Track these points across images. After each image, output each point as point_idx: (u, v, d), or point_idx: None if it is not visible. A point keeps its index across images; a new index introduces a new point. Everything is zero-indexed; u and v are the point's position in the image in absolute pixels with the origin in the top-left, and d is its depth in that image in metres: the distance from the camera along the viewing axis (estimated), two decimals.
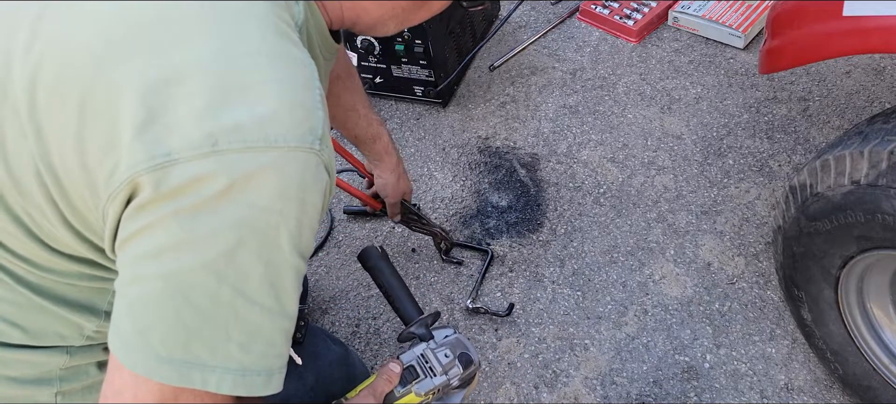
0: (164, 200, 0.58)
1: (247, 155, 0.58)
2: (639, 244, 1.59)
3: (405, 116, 2.03)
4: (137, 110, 0.58)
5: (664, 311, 1.47)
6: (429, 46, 1.83)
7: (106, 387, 0.63)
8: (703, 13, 2.06)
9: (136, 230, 0.59)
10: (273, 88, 0.61)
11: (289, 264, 0.63)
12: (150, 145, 0.57)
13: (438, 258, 1.64)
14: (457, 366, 1.04)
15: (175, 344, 0.59)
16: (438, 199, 1.78)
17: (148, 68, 0.60)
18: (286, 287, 0.64)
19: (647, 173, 1.74)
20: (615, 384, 1.38)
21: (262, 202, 0.59)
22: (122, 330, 0.61)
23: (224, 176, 0.57)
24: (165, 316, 0.59)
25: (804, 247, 1.11)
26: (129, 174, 0.58)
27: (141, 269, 0.60)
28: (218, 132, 0.57)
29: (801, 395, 1.31)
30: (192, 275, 0.59)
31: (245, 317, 0.61)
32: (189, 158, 0.57)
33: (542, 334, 1.47)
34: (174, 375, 0.59)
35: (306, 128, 0.61)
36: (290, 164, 0.60)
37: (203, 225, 0.58)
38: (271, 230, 0.60)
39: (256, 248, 0.60)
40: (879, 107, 1.77)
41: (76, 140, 0.61)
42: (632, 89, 1.96)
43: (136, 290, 0.60)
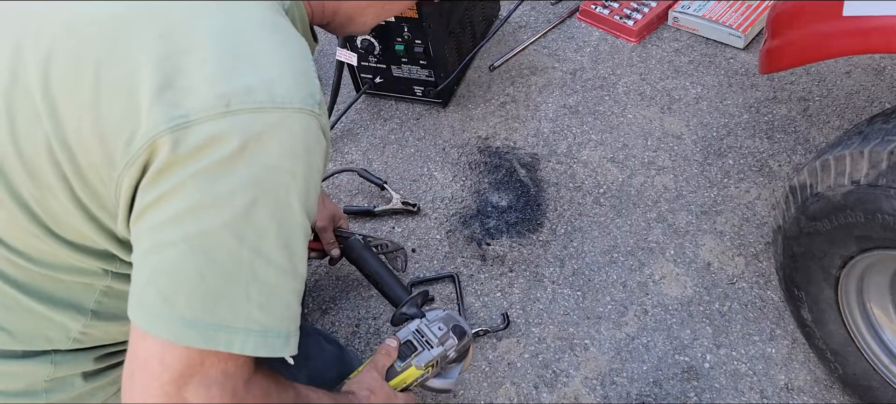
0: (181, 163, 0.60)
1: (257, 115, 0.62)
2: (639, 244, 1.59)
3: (405, 116, 2.03)
4: (154, 77, 0.61)
5: (664, 311, 1.47)
6: (429, 46, 1.83)
7: (130, 360, 0.63)
8: (703, 13, 2.06)
9: (155, 198, 0.61)
10: (276, 55, 0.66)
11: (299, 223, 0.66)
12: (167, 108, 0.60)
13: (439, 257, 1.64)
14: (452, 338, 1.07)
15: (201, 306, 0.61)
16: (438, 199, 1.78)
17: (161, 40, 0.63)
18: (297, 247, 0.67)
19: (647, 173, 1.74)
20: (615, 384, 1.38)
21: (273, 161, 0.62)
22: (145, 299, 0.62)
23: (237, 136, 0.60)
24: (190, 278, 0.61)
25: (804, 247, 1.11)
26: (149, 136, 0.60)
27: (162, 236, 0.61)
28: (230, 93, 0.61)
29: (801, 395, 1.31)
30: (214, 236, 0.61)
31: (263, 278, 0.63)
32: (205, 119, 0.60)
33: (542, 334, 1.47)
34: (201, 338, 0.61)
35: (307, 91, 0.66)
36: (296, 124, 0.64)
37: (221, 186, 0.60)
38: (282, 189, 0.64)
39: (271, 207, 0.63)
40: (879, 107, 1.77)
41: (93, 112, 0.63)
42: (632, 89, 1.96)
43: (158, 257, 0.62)
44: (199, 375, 0.62)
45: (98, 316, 0.78)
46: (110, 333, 0.81)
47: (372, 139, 1.98)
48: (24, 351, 0.77)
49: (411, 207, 1.74)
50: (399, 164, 1.89)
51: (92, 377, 0.83)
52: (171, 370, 0.61)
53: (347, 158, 1.94)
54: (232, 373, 0.63)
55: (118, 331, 0.82)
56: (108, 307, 0.79)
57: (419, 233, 1.71)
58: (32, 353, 0.78)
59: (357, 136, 2.00)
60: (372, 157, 1.93)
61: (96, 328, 0.79)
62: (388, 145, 1.95)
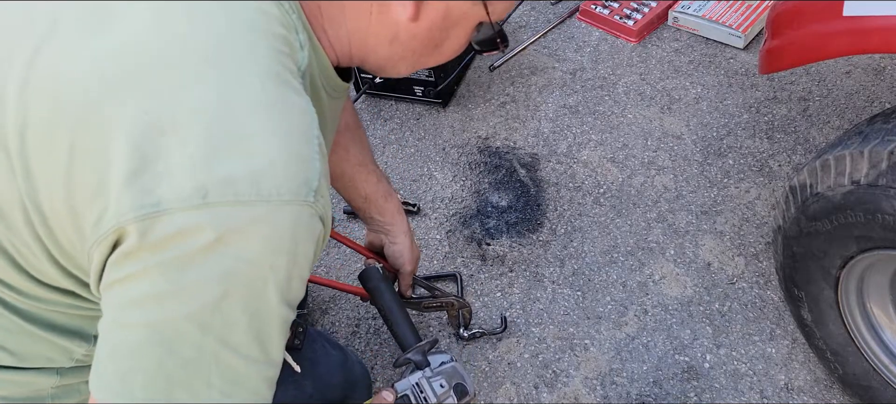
0: (149, 250, 0.57)
1: (237, 209, 0.57)
2: (639, 244, 1.59)
3: (405, 116, 2.03)
4: (129, 157, 0.57)
5: (664, 311, 1.47)
6: None
7: None
8: (703, 13, 2.06)
9: (121, 277, 0.59)
10: (269, 140, 0.60)
11: (276, 314, 0.62)
12: (138, 195, 0.56)
13: (439, 257, 1.64)
14: (452, 397, 1.04)
15: (156, 391, 0.59)
16: (438, 199, 1.78)
17: (142, 113, 0.58)
18: (272, 337, 0.63)
19: (647, 173, 1.74)
20: (615, 384, 1.38)
21: (250, 255, 0.58)
22: (104, 372, 0.61)
23: (212, 229, 0.56)
24: (148, 364, 0.59)
25: (804, 247, 1.11)
26: (116, 222, 0.57)
27: (124, 316, 0.59)
28: (209, 184, 0.56)
29: (801, 395, 1.31)
30: (176, 325, 0.58)
31: (228, 366, 0.60)
32: (178, 209, 0.56)
33: (542, 334, 1.47)
34: None
35: (301, 180, 0.60)
36: (283, 218, 0.59)
37: (188, 276, 0.57)
38: (259, 283, 0.59)
39: (242, 300, 0.59)
40: (879, 107, 1.77)
41: (65, 181, 0.60)
42: (632, 89, 1.96)
43: (119, 336, 0.60)
44: None
45: None
46: None
47: (372, 139, 1.98)
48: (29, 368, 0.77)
49: (411, 207, 1.74)
50: (399, 164, 1.89)
51: None
52: None
53: None
54: None
55: None
56: None
57: (419, 233, 1.71)
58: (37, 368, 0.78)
59: None
60: None
61: None
62: (388, 145, 1.95)
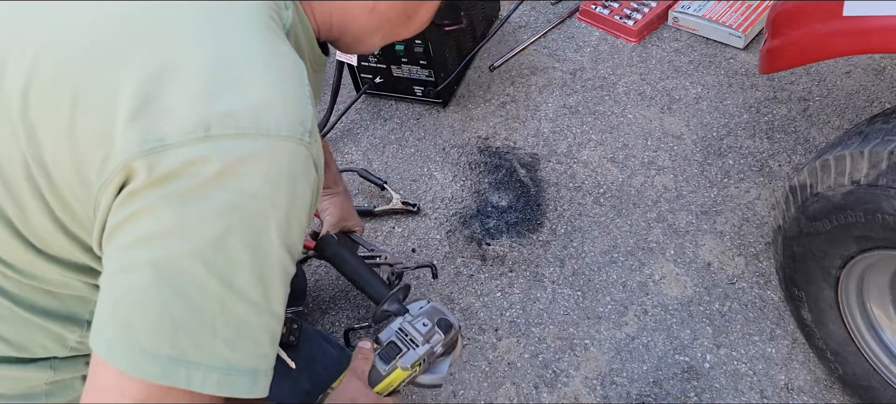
0: (155, 185, 0.58)
1: (239, 141, 0.58)
2: (639, 244, 1.59)
3: (405, 116, 2.03)
4: (132, 99, 0.59)
5: (664, 311, 1.47)
6: (429, 46, 1.83)
7: (88, 387, 0.61)
8: (703, 13, 2.06)
9: (126, 217, 0.59)
10: (266, 82, 0.62)
11: (277, 257, 0.63)
12: (143, 130, 0.58)
13: (439, 257, 1.64)
14: (438, 333, 1.03)
15: (162, 337, 0.58)
16: (438, 199, 1.78)
17: (144, 64, 0.61)
18: (274, 283, 0.63)
19: (647, 173, 1.74)
20: (615, 384, 1.38)
21: (252, 189, 0.59)
22: (106, 327, 0.60)
23: (216, 161, 0.57)
24: (153, 307, 0.58)
25: (804, 247, 1.11)
26: (123, 159, 0.58)
27: (129, 257, 0.59)
28: (211, 118, 0.58)
29: (801, 395, 1.31)
30: (181, 263, 0.58)
31: (232, 311, 0.60)
32: (182, 143, 0.57)
33: (542, 334, 1.47)
34: (159, 372, 0.58)
35: (297, 119, 0.62)
36: (281, 153, 0.61)
37: (193, 210, 0.58)
38: (260, 218, 0.60)
39: (245, 237, 0.60)
40: (879, 107, 1.77)
41: (68, 134, 0.61)
42: (632, 89, 1.96)
43: (123, 280, 0.59)
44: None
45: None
46: None
47: (372, 139, 1.98)
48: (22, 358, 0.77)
49: (411, 207, 1.74)
50: (399, 164, 1.89)
51: None
52: (130, 399, 0.58)
53: (347, 158, 1.94)
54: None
55: None
56: None
57: (419, 233, 1.71)
58: (31, 360, 0.77)
59: (357, 136, 2.00)
60: (372, 157, 1.93)
61: None
62: (388, 145, 1.95)
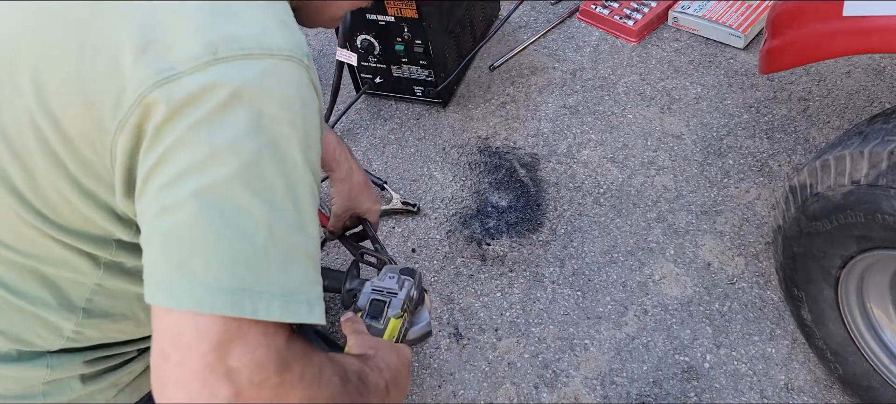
0: (176, 117, 0.58)
1: (247, 62, 0.59)
2: (639, 244, 1.59)
3: (405, 116, 2.03)
4: (136, 35, 0.60)
5: (664, 311, 1.47)
6: (429, 46, 1.83)
7: (157, 344, 0.58)
8: (703, 13, 2.06)
9: (156, 160, 0.59)
10: (260, 12, 0.64)
11: (304, 179, 0.63)
12: (152, 62, 0.58)
13: (439, 257, 1.64)
14: (407, 279, 1.04)
15: (220, 269, 0.57)
16: (438, 199, 1.78)
17: (142, 5, 0.62)
18: (306, 204, 0.63)
19: (647, 173, 1.74)
20: (615, 384, 1.38)
21: (269, 109, 0.60)
22: (159, 274, 0.58)
23: (228, 83, 0.58)
24: (205, 238, 0.57)
25: (804, 247, 1.11)
26: (138, 92, 0.58)
27: (169, 197, 0.58)
28: (217, 41, 0.59)
29: (801, 395, 1.31)
30: (224, 188, 0.57)
31: (279, 234, 0.60)
32: (192, 69, 0.58)
33: (542, 334, 1.47)
34: (228, 304, 0.56)
35: (295, 42, 0.64)
36: (287, 72, 0.62)
37: (222, 135, 0.58)
38: (284, 140, 0.61)
39: (275, 159, 0.60)
40: (879, 107, 1.77)
41: (76, 76, 0.62)
42: (632, 89, 1.96)
43: (167, 222, 0.58)
44: (240, 339, 0.56)
45: (89, 314, 0.78)
46: (104, 331, 0.81)
47: (372, 139, 1.98)
48: (19, 352, 0.76)
49: (411, 207, 1.74)
50: (399, 164, 1.89)
51: (90, 380, 0.82)
52: (209, 337, 0.55)
53: None
54: (272, 333, 0.58)
55: (112, 329, 0.81)
56: (99, 305, 0.78)
57: (419, 233, 1.71)
58: (27, 356, 0.77)
59: (357, 136, 2.00)
60: (372, 157, 1.93)
61: (89, 326, 0.79)
62: (388, 145, 1.95)
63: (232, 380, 0.55)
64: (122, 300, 0.80)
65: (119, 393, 0.86)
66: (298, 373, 0.60)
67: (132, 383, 0.88)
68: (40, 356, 0.78)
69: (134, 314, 0.82)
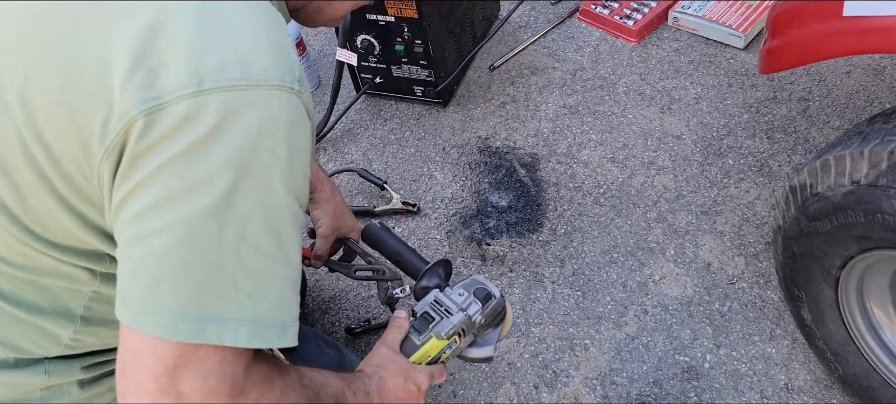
0: (156, 148, 0.58)
1: (232, 93, 0.59)
2: (639, 244, 1.59)
3: (405, 116, 2.03)
4: (125, 56, 0.59)
5: (664, 311, 1.47)
6: (429, 46, 1.83)
7: (120, 356, 0.61)
8: (703, 13, 2.06)
9: (132, 188, 0.59)
10: (251, 31, 0.63)
11: (286, 206, 0.64)
12: (140, 89, 0.58)
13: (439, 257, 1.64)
14: (475, 302, 0.98)
15: (186, 298, 0.58)
16: (438, 199, 1.78)
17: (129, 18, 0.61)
18: (286, 232, 0.64)
19: (647, 173, 1.74)
20: (615, 384, 1.38)
21: (250, 141, 0.60)
22: (130, 295, 0.60)
23: (212, 115, 0.58)
24: (173, 268, 0.58)
25: (804, 247, 1.11)
26: (125, 121, 0.58)
27: (142, 227, 0.59)
28: (203, 72, 0.59)
29: (801, 395, 1.31)
30: (195, 222, 0.58)
31: (250, 264, 0.61)
32: (177, 99, 0.58)
33: (542, 334, 1.47)
34: (190, 331, 0.58)
35: (285, 67, 0.63)
36: (274, 102, 0.62)
37: (198, 169, 0.58)
38: (263, 170, 0.61)
39: (253, 190, 0.60)
40: (879, 107, 1.77)
41: (64, 94, 0.61)
42: (632, 89, 1.96)
43: (140, 249, 0.59)
44: (193, 365, 0.59)
45: (87, 322, 0.77)
46: (103, 337, 0.80)
47: (372, 139, 1.98)
48: (17, 359, 0.76)
49: (411, 207, 1.74)
50: (399, 164, 1.89)
51: (88, 385, 0.82)
52: (164, 361, 0.58)
53: (347, 158, 1.94)
54: (230, 361, 0.60)
55: (110, 335, 0.80)
56: (97, 312, 0.78)
57: (419, 233, 1.71)
58: (25, 362, 0.77)
59: (357, 136, 2.00)
60: (372, 157, 1.93)
61: (87, 334, 0.78)
62: (388, 145, 1.95)
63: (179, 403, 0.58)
64: None
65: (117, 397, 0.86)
66: (254, 400, 0.62)
67: None
68: (38, 362, 0.77)
69: None
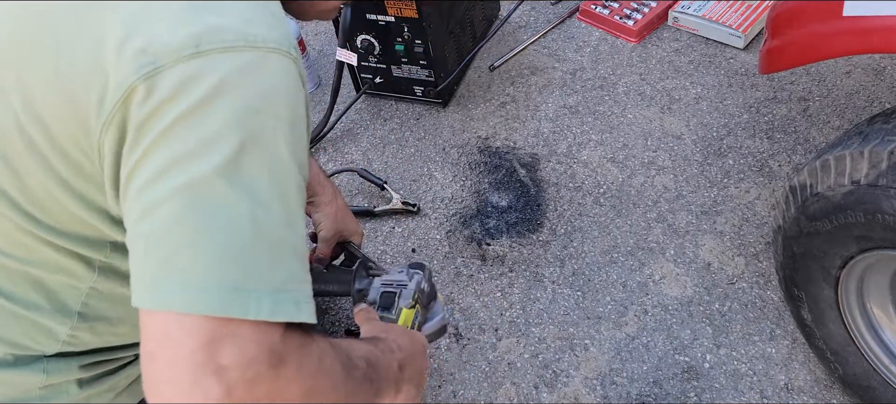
0: (158, 113, 0.56)
1: (229, 54, 0.58)
2: (639, 244, 1.59)
3: (405, 116, 2.03)
4: (118, 29, 0.58)
5: (664, 311, 1.47)
6: (429, 46, 1.83)
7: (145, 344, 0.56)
8: (703, 13, 2.06)
9: (138, 158, 0.57)
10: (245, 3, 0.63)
11: (291, 173, 0.62)
12: (136, 56, 0.57)
13: (439, 257, 1.64)
14: (416, 272, 1.04)
15: (206, 267, 0.55)
16: (438, 199, 1.78)
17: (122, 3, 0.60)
18: (292, 199, 0.62)
19: (647, 173, 1.74)
20: (615, 384, 1.38)
21: (253, 102, 0.58)
22: (145, 275, 0.57)
23: (210, 76, 0.57)
24: (188, 236, 0.55)
25: (804, 247, 1.11)
26: (122, 90, 0.57)
27: (151, 195, 0.56)
28: (199, 34, 0.58)
29: (801, 395, 1.31)
30: (205, 184, 0.56)
31: (264, 229, 0.58)
32: (174, 62, 0.57)
33: (542, 334, 1.47)
34: (216, 302, 0.54)
35: (281, 33, 0.62)
36: (271, 65, 0.60)
37: (203, 129, 0.56)
38: (268, 133, 0.59)
39: (259, 153, 0.59)
40: (879, 107, 1.77)
41: (56, 75, 0.61)
42: (632, 89, 1.96)
43: (149, 223, 0.56)
44: (229, 336, 0.54)
45: (85, 318, 0.77)
46: (99, 334, 0.80)
47: (372, 139, 1.98)
48: (15, 357, 0.76)
49: (411, 207, 1.74)
50: (399, 164, 1.89)
51: (87, 384, 0.82)
52: (198, 336, 0.54)
53: (347, 158, 1.94)
54: (265, 329, 0.56)
55: (107, 332, 0.80)
56: (94, 309, 0.77)
57: (419, 233, 1.71)
58: (23, 361, 0.76)
59: (357, 136, 2.00)
60: (372, 157, 1.93)
61: (84, 330, 0.78)
62: (388, 145, 1.95)
63: (222, 379, 0.53)
64: (118, 304, 0.79)
65: (117, 396, 0.86)
66: (295, 367, 0.58)
67: (129, 387, 0.88)
68: (37, 361, 0.77)
69: (130, 317, 0.80)
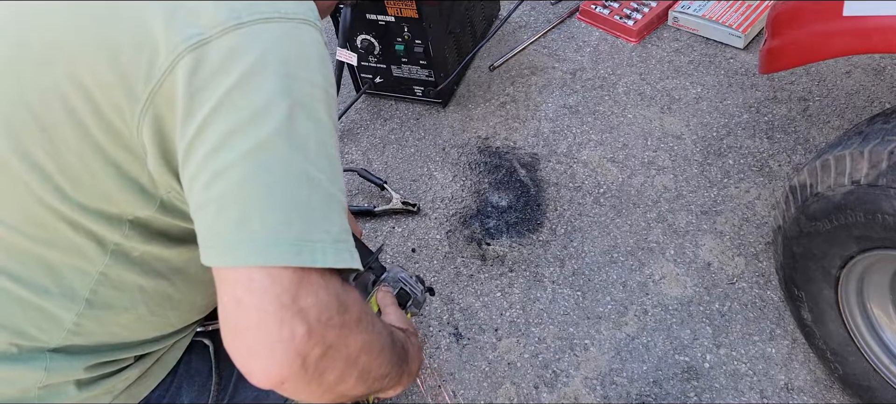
0: (211, 83, 0.61)
1: (269, 25, 0.63)
2: (639, 244, 1.59)
3: (405, 116, 2.03)
4: (161, 8, 0.63)
5: (664, 311, 1.47)
6: (429, 46, 1.83)
7: (225, 295, 0.61)
8: (703, 13, 2.06)
9: (197, 129, 0.61)
10: None
11: (332, 134, 0.67)
12: (183, 27, 0.62)
13: (439, 257, 1.64)
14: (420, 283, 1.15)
15: (277, 222, 0.60)
16: (438, 199, 1.78)
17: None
18: (334, 159, 0.67)
19: (647, 173, 1.74)
20: (615, 384, 1.38)
21: (292, 70, 0.64)
22: (220, 236, 0.61)
23: (255, 46, 0.62)
24: (258, 196, 0.60)
25: (804, 247, 1.11)
26: (172, 58, 0.61)
27: (217, 163, 0.61)
28: (239, 7, 0.63)
29: (801, 395, 1.31)
30: (267, 145, 0.61)
31: (318, 186, 0.63)
32: (221, 33, 0.62)
33: (542, 334, 1.47)
34: (288, 253, 0.60)
35: (306, 6, 0.68)
36: (304, 34, 0.66)
37: (256, 97, 0.61)
38: (309, 98, 0.65)
39: (305, 116, 0.64)
40: (879, 107, 1.77)
41: (106, 46, 0.64)
42: (632, 89, 1.96)
43: (219, 187, 0.61)
44: (306, 283, 0.60)
45: (92, 305, 0.77)
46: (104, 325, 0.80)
47: (372, 139, 1.98)
48: (19, 348, 0.76)
49: (411, 207, 1.74)
50: (399, 164, 1.89)
51: (86, 386, 0.82)
52: (282, 282, 0.59)
53: (347, 158, 1.94)
54: (329, 277, 0.63)
55: (113, 322, 0.80)
56: (102, 295, 0.77)
57: (419, 233, 1.71)
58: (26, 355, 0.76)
59: (357, 136, 2.00)
60: (372, 157, 1.93)
61: (90, 318, 0.78)
62: (388, 145, 1.95)
63: (305, 319, 0.59)
64: (126, 292, 0.79)
65: (114, 399, 0.86)
66: (356, 316, 0.64)
67: (127, 389, 0.88)
68: (39, 356, 0.77)
69: (136, 307, 0.81)
